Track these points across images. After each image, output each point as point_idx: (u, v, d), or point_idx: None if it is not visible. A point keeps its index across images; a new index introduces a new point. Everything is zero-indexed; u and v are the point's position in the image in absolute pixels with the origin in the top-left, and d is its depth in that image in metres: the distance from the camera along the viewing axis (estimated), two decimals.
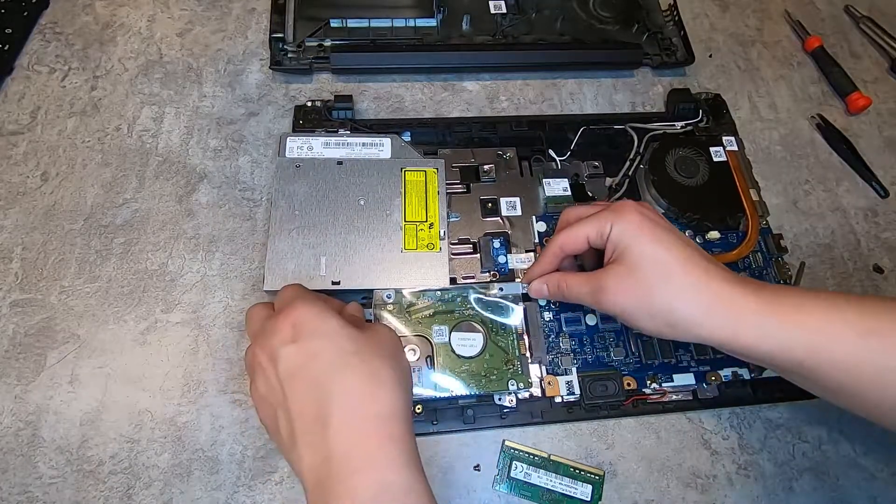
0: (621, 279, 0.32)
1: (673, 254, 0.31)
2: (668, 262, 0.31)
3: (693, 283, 0.31)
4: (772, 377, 0.40)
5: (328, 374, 0.28)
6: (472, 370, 0.37)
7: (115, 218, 0.43)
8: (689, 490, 0.37)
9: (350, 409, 0.27)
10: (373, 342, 0.30)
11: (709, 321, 0.30)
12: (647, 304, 0.31)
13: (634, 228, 0.32)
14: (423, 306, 0.38)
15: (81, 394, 0.37)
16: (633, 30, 0.54)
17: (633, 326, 0.33)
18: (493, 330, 0.38)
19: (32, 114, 0.46)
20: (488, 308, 0.39)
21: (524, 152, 0.46)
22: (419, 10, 0.52)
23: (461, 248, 0.42)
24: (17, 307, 0.39)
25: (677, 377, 0.39)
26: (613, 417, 0.39)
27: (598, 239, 0.34)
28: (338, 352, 0.29)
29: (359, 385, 0.28)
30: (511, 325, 0.39)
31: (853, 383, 0.28)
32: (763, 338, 0.29)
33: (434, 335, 0.38)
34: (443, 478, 0.37)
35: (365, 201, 0.41)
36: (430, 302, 0.38)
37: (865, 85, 0.54)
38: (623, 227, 0.32)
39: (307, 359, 0.28)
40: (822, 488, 0.38)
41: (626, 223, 0.32)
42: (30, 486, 0.35)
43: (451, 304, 0.39)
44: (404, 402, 0.29)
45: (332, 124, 0.46)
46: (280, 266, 0.39)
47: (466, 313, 0.38)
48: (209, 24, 0.52)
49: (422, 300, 0.38)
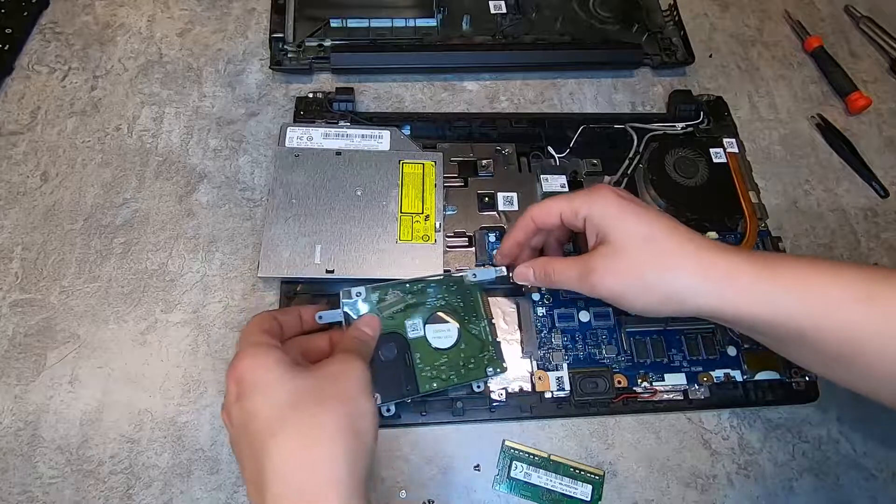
0: (609, 259, 0.31)
1: (659, 227, 0.31)
2: (656, 236, 0.31)
3: (684, 253, 0.30)
4: (764, 379, 0.40)
5: (263, 438, 0.26)
6: (450, 361, 0.36)
7: (115, 218, 0.43)
8: (689, 490, 0.37)
9: (283, 479, 0.25)
10: (321, 386, 0.28)
11: (704, 289, 0.29)
12: (639, 280, 0.30)
13: (614, 208, 0.32)
14: (393, 300, 0.37)
15: (81, 394, 0.37)
16: (633, 30, 0.54)
17: (626, 307, 0.32)
18: (464, 318, 0.37)
19: (32, 114, 0.46)
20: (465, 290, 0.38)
21: (523, 149, 0.47)
22: (419, 10, 0.52)
23: (457, 242, 0.42)
24: (17, 307, 0.39)
25: (669, 377, 0.39)
26: (603, 415, 0.39)
27: (571, 217, 0.33)
28: (274, 407, 0.26)
29: (294, 448, 0.25)
30: (487, 277, 0.38)
31: (851, 351, 0.28)
32: (760, 304, 0.29)
33: (409, 330, 0.36)
34: (443, 478, 0.37)
35: (362, 192, 0.41)
36: (400, 296, 0.37)
37: (865, 85, 0.54)
38: (602, 207, 0.32)
39: (247, 419, 0.27)
40: (822, 488, 0.38)
41: (605, 203, 0.32)
42: (30, 486, 0.35)
43: (422, 294, 0.37)
44: (350, 458, 0.26)
45: (333, 116, 0.46)
46: (275, 253, 0.39)
47: (438, 304, 0.37)
48: (209, 24, 0.52)
49: (391, 295, 0.37)
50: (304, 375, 0.28)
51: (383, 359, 0.35)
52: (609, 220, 0.31)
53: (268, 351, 0.29)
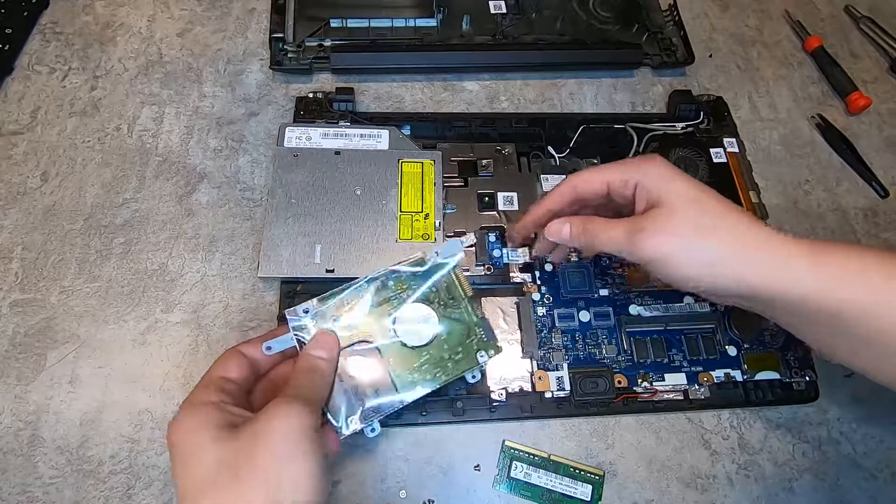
0: (660, 220, 0.30)
1: (707, 194, 0.31)
2: (710, 203, 0.30)
3: (731, 220, 0.30)
4: (764, 379, 0.40)
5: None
6: (432, 357, 0.32)
7: (115, 218, 0.43)
8: (689, 490, 0.37)
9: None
10: (241, 452, 0.24)
11: (750, 259, 0.29)
12: (688, 243, 0.29)
13: (669, 172, 0.31)
14: (350, 307, 0.32)
15: (81, 394, 0.37)
16: (633, 30, 0.54)
17: (669, 274, 0.30)
18: (441, 304, 0.33)
19: (32, 114, 0.46)
20: (426, 276, 0.34)
21: (523, 149, 0.47)
22: (419, 10, 0.52)
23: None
24: (17, 307, 0.39)
25: (669, 377, 0.39)
26: (603, 415, 0.39)
27: (620, 186, 0.32)
28: (194, 479, 0.24)
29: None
30: (452, 262, 0.34)
31: (886, 334, 0.28)
32: (800, 280, 0.28)
33: (377, 336, 0.32)
34: (443, 478, 0.37)
35: (361, 191, 0.41)
36: (356, 300, 0.32)
37: (865, 85, 0.54)
38: (658, 173, 0.31)
39: (175, 485, 0.25)
40: (822, 488, 0.38)
41: (660, 169, 0.31)
42: (30, 486, 0.35)
43: (385, 290, 0.33)
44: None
45: (333, 116, 0.46)
46: (275, 253, 0.39)
47: (403, 296, 0.33)
48: (209, 24, 0.52)
49: (346, 299, 0.32)
50: (231, 439, 0.25)
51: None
52: (663, 183, 0.31)
53: (198, 411, 0.26)
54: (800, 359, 0.41)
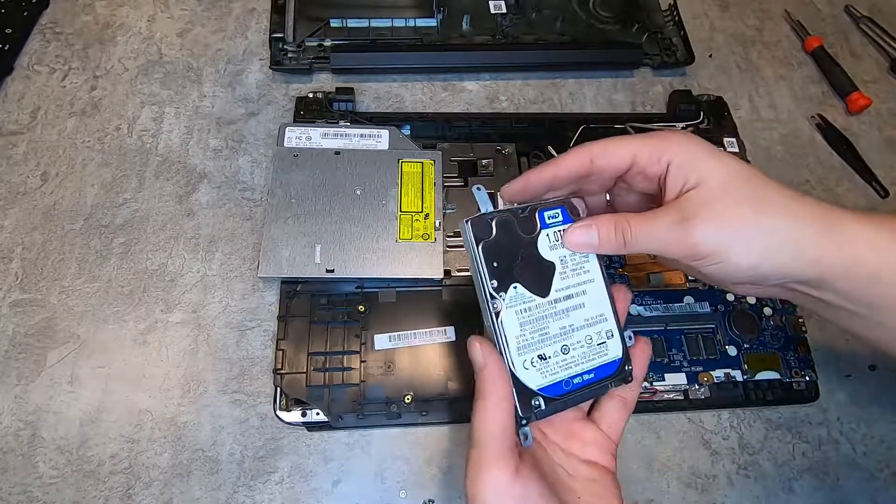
0: (710, 203, 0.25)
1: (760, 172, 0.26)
2: (763, 179, 0.26)
3: (790, 195, 0.25)
4: (764, 379, 0.40)
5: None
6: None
7: (115, 218, 0.43)
8: (689, 490, 0.37)
9: None
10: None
11: (816, 232, 0.25)
12: (749, 226, 0.25)
13: (707, 148, 0.26)
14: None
15: (81, 394, 0.37)
16: (633, 30, 0.54)
17: (727, 267, 0.25)
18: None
19: (32, 114, 0.46)
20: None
21: (523, 149, 0.47)
22: (419, 10, 0.52)
23: (457, 241, 0.42)
24: (17, 307, 0.39)
25: (669, 376, 0.39)
26: None
27: (650, 162, 0.27)
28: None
29: None
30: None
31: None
32: (866, 255, 0.25)
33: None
34: (443, 478, 0.37)
35: (361, 191, 0.41)
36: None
37: (865, 85, 0.54)
38: (695, 149, 0.26)
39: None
40: (822, 488, 0.38)
41: (694, 145, 0.26)
42: (30, 486, 0.35)
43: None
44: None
45: (333, 116, 0.46)
46: (275, 253, 0.39)
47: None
48: (209, 24, 0.52)
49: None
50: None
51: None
52: (703, 160, 0.26)
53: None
54: (800, 359, 0.41)
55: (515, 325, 0.26)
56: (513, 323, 0.26)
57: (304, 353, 0.38)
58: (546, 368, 0.26)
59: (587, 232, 0.27)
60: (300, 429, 0.37)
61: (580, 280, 0.27)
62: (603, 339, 0.28)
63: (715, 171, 0.25)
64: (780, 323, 0.42)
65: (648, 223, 0.26)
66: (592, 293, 0.28)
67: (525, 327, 0.26)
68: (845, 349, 0.42)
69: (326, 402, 0.36)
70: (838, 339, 0.43)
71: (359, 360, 0.38)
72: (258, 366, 0.39)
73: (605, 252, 0.27)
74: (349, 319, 0.39)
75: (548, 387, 0.26)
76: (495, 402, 0.25)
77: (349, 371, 0.38)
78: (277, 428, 0.37)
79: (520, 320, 0.26)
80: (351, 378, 0.37)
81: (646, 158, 0.27)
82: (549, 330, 0.26)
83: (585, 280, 0.28)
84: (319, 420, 0.36)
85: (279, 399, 0.37)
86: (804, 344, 0.41)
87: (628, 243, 0.26)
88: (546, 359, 0.26)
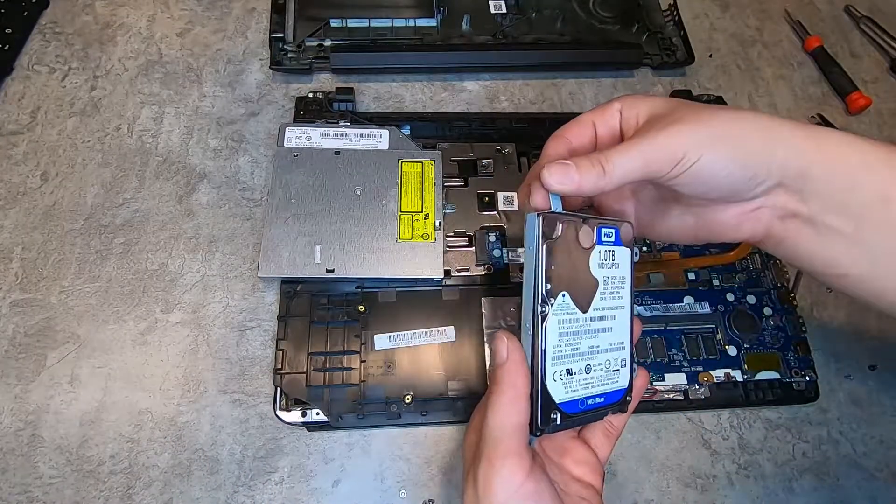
0: (678, 113, 0.25)
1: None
2: (717, 107, 0.26)
3: (766, 117, 0.25)
4: (764, 379, 0.40)
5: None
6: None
7: (115, 218, 0.43)
8: (689, 490, 0.37)
9: None
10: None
11: (792, 127, 0.24)
12: (723, 122, 0.25)
13: (648, 95, 0.28)
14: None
15: (81, 394, 0.37)
16: (633, 30, 0.54)
17: (702, 172, 0.24)
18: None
19: (32, 114, 0.46)
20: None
21: (523, 149, 0.47)
22: (419, 10, 0.52)
23: (457, 241, 0.42)
24: (17, 307, 0.39)
25: (669, 376, 0.39)
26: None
27: (607, 117, 0.28)
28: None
29: None
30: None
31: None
32: (844, 150, 0.24)
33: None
34: (443, 478, 0.37)
35: (361, 191, 0.42)
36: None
37: (865, 85, 0.54)
38: (636, 96, 0.28)
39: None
40: (822, 488, 0.38)
41: (638, 95, 0.28)
42: (30, 486, 0.35)
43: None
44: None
45: (333, 116, 0.46)
46: (275, 253, 0.39)
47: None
48: (209, 24, 0.52)
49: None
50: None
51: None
52: (649, 98, 0.27)
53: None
54: (800, 359, 0.41)
55: (556, 335, 0.25)
56: (554, 331, 0.25)
57: (304, 353, 0.38)
58: (570, 384, 0.26)
59: (564, 167, 0.25)
60: (300, 429, 0.37)
61: (614, 304, 0.27)
62: (618, 366, 0.28)
63: (660, 102, 0.27)
64: (780, 323, 0.42)
65: (624, 146, 0.25)
66: (620, 319, 0.28)
67: (563, 338, 0.25)
68: (845, 349, 0.43)
69: (326, 402, 0.37)
70: (838, 340, 0.43)
71: (359, 360, 0.38)
72: (258, 366, 0.39)
73: (586, 190, 0.25)
74: (349, 319, 0.39)
75: (567, 403, 0.26)
76: (513, 397, 0.25)
77: (349, 371, 0.38)
78: (277, 428, 0.37)
79: (560, 330, 0.25)
80: (351, 378, 0.37)
81: (603, 114, 0.28)
82: (580, 346, 0.26)
83: (617, 305, 0.28)
84: (319, 420, 0.36)
85: (279, 399, 0.37)
86: (804, 344, 0.41)
87: (607, 171, 0.25)
88: (572, 374, 0.26)
